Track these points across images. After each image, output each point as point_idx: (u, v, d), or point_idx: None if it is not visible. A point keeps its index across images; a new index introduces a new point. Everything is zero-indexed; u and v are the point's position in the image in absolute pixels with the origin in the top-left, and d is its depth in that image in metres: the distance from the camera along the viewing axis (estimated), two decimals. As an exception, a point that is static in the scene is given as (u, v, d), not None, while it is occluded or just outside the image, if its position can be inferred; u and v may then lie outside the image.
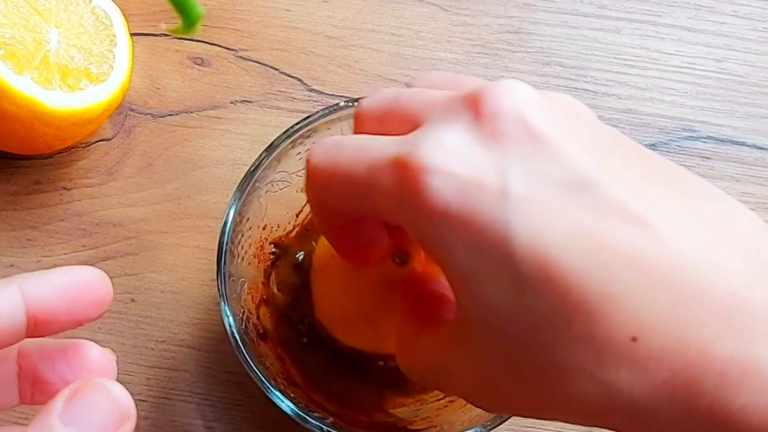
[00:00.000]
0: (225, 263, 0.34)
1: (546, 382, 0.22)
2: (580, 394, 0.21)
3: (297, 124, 0.35)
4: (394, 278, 0.32)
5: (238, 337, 0.33)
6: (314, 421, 0.32)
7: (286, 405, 0.32)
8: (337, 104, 0.35)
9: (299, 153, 0.36)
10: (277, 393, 0.32)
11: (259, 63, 0.45)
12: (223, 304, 0.33)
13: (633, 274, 0.20)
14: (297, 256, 0.40)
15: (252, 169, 0.34)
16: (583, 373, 0.21)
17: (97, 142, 0.43)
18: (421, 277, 0.32)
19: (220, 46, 0.45)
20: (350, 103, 0.35)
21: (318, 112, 0.35)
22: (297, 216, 0.40)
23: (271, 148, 0.35)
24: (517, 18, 0.46)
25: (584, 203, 0.21)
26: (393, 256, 0.32)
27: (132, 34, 0.42)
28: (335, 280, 0.35)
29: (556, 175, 0.21)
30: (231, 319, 0.33)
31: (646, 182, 0.22)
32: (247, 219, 0.36)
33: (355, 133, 0.28)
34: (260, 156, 0.35)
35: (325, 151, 0.26)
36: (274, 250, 0.39)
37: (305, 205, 0.40)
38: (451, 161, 0.22)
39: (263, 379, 0.33)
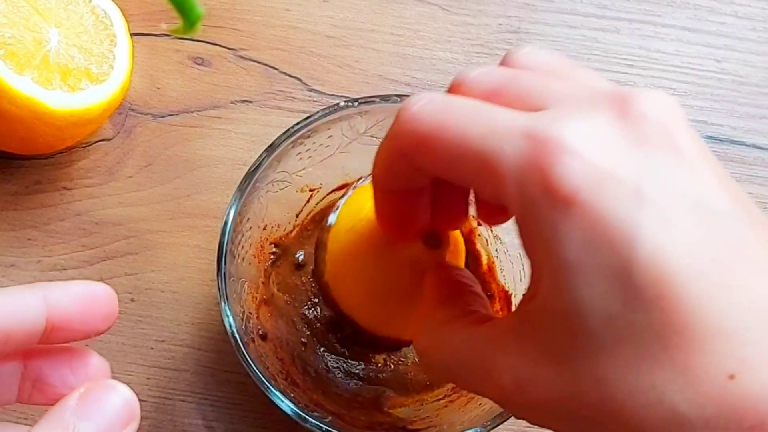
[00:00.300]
0: (225, 263, 0.34)
1: (611, 401, 0.21)
2: (650, 421, 0.20)
3: (297, 124, 0.35)
4: (422, 260, 0.31)
5: (238, 337, 0.33)
6: (314, 421, 0.32)
7: (286, 405, 0.32)
8: (337, 104, 0.35)
9: (299, 153, 0.36)
10: (277, 393, 0.33)
11: (259, 63, 0.45)
12: (223, 304, 0.33)
13: (748, 314, 0.20)
14: (297, 256, 0.40)
15: (252, 169, 0.34)
16: (662, 400, 0.20)
17: (97, 142, 0.43)
18: (452, 265, 0.31)
19: (220, 45, 0.45)
20: (350, 103, 0.35)
21: (318, 112, 0.35)
22: (297, 216, 0.40)
23: (271, 148, 0.35)
24: (517, 18, 0.46)
25: (714, 231, 0.21)
26: (425, 237, 0.31)
27: (132, 34, 0.42)
28: (357, 244, 0.33)
29: (691, 194, 0.21)
30: (231, 319, 0.33)
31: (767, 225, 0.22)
32: (248, 219, 0.36)
33: None
34: (260, 156, 0.35)
35: (431, 105, 0.24)
36: (274, 250, 0.39)
37: (305, 205, 0.40)
38: (591, 148, 0.21)
39: (263, 379, 0.33)
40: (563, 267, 0.21)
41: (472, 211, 0.29)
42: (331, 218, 0.35)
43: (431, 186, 0.28)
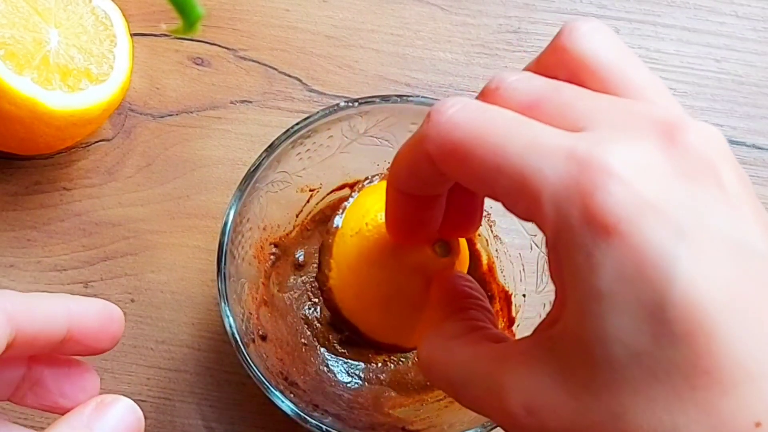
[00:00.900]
0: (225, 264, 0.34)
1: None
2: None
3: (297, 124, 0.35)
4: (430, 267, 0.30)
5: (238, 337, 0.33)
6: (314, 421, 0.32)
7: (286, 405, 0.32)
8: (337, 104, 0.35)
9: (299, 153, 0.36)
10: (278, 393, 0.33)
11: (258, 63, 0.45)
12: (223, 304, 0.33)
13: None
14: (297, 256, 0.40)
15: (252, 169, 0.34)
16: None
17: (97, 142, 0.43)
18: (461, 275, 0.30)
19: (219, 46, 0.45)
20: (350, 104, 0.35)
21: (318, 112, 0.35)
22: (297, 216, 0.40)
23: (271, 148, 0.35)
24: (516, 18, 0.46)
25: (750, 272, 0.20)
26: (434, 244, 0.30)
27: (132, 34, 0.42)
28: (362, 249, 0.33)
29: (731, 233, 0.20)
30: (231, 319, 0.33)
31: None
32: (247, 219, 0.36)
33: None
34: (260, 156, 0.35)
35: (466, 111, 0.23)
36: (274, 250, 0.39)
37: (305, 205, 0.40)
38: (637, 176, 0.20)
39: (263, 379, 0.33)
40: (593, 295, 0.20)
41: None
42: (337, 221, 0.34)
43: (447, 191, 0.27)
